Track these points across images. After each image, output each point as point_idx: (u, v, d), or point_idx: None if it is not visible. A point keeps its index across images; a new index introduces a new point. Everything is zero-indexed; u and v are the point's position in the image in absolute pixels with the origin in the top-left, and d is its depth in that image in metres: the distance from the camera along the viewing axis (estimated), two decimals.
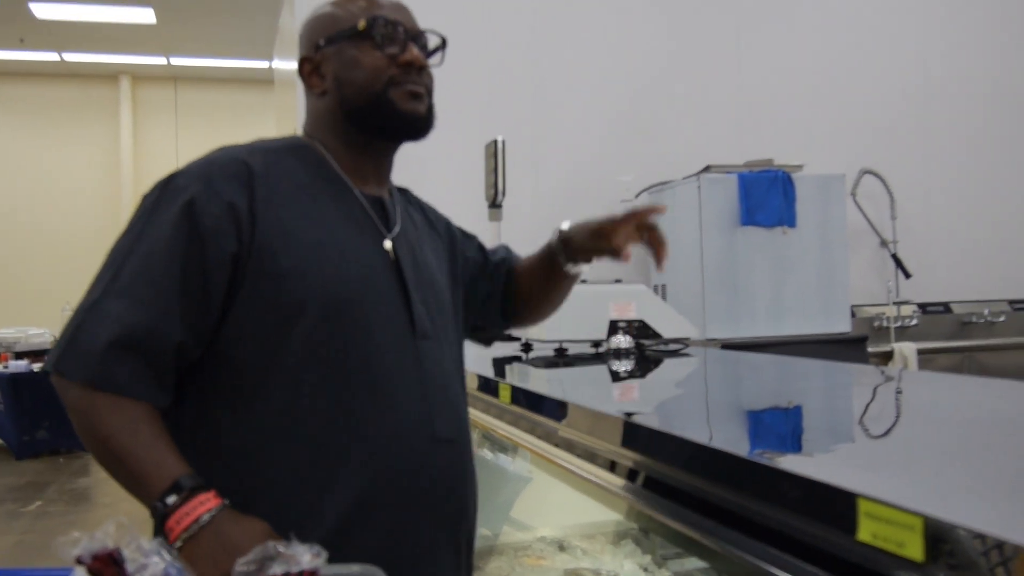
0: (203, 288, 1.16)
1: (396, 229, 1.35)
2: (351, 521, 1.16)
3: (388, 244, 1.31)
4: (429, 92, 1.36)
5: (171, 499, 1.07)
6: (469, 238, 1.65)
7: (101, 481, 6.43)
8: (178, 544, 1.03)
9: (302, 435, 1.17)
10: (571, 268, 1.57)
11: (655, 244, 1.48)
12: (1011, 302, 4.88)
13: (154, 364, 1.15)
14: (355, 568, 1.06)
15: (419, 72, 1.32)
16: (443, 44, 1.41)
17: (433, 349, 1.30)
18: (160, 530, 1.06)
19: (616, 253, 1.47)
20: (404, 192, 1.54)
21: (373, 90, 1.29)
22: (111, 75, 11.67)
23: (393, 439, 1.21)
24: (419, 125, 1.35)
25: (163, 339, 1.14)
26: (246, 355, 1.19)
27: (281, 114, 5.91)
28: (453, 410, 1.31)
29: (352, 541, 1.12)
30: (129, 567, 0.96)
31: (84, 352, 1.12)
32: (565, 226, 1.55)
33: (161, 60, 10.97)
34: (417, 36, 1.35)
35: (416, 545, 1.22)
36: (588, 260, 1.56)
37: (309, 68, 1.35)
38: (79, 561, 0.96)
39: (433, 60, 1.40)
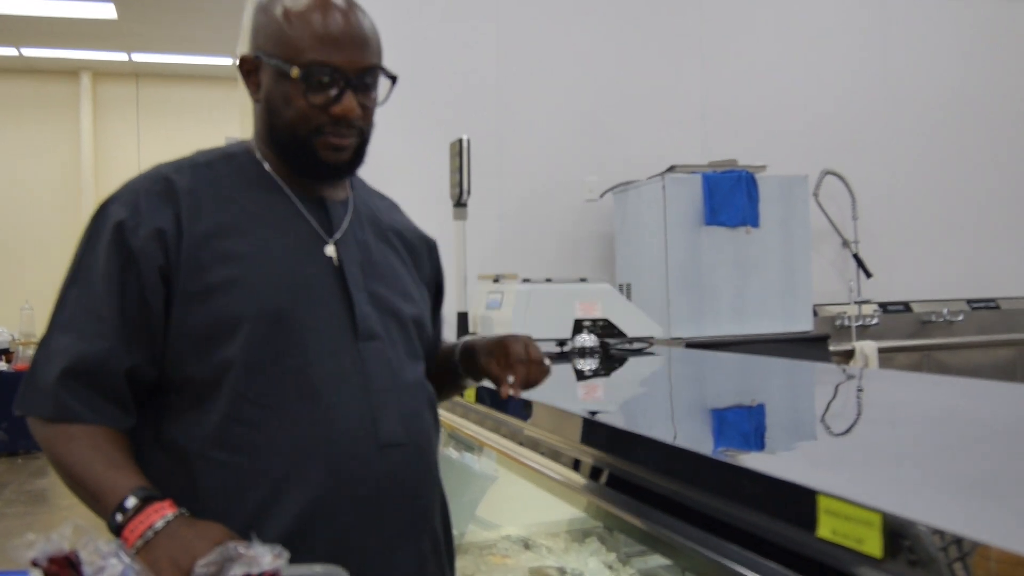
0: (144, 311, 1.18)
1: (340, 231, 1.32)
2: (295, 533, 1.15)
3: (330, 249, 1.29)
4: (362, 136, 1.31)
5: (126, 509, 1.07)
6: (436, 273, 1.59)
7: (60, 483, 6.33)
8: (133, 552, 1.03)
9: (243, 449, 1.17)
10: (467, 381, 1.52)
11: (518, 379, 1.38)
12: (969, 301, 4.95)
13: (106, 390, 1.17)
14: (318, 568, 1.06)
15: (348, 124, 1.27)
16: (392, 81, 1.33)
17: (381, 350, 1.28)
18: None
19: (497, 384, 1.39)
20: (380, 196, 1.53)
21: (297, 134, 1.26)
22: (71, 71, 11.49)
23: (334, 448, 1.20)
24: (339, 173, 1.33)
25: (111, 366, 1.17)
26: (186, 371, 1.19)
27: (245, 111, 5.86)
28: (404, 413, 1.28)
29: (297, 553, 1.11)
30: (86, 569, 0.94)
31: (39, 389, 1.17)
32: (462, 340, 1.51)
33: (123, 56, 10.82)
34: (361, 75, 1.27)
35: (365, 554, 1.20)
36: (478, 380, 1.50)
37: (248, 69, 1.31)
38: (35, 564, 0.95)
39: (376, 96, 1.32)
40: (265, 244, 1.24)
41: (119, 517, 1.07)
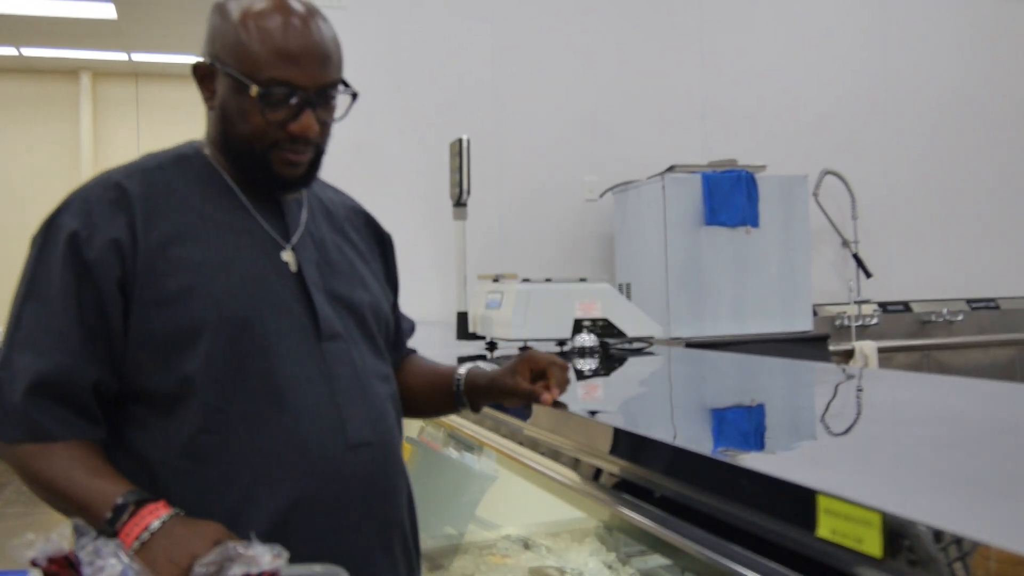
0: (103, 323, 1.17)
1: (297, 234, 1.30)
2: (268, 539, 1.11)
3: (286, 254, 1.28)
4: (318, 150, 1.28)
5: (120, 513, 1.07)
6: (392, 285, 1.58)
7: None
8: (131, 553, 1.02)
9: (210, 458, 1.16)
10: (470, 411, 1.52)
11: (554, 382, 1.40)
12: (969, 301, 4.95)
13: (74, 403, 1.16)
14: (317, 568, 1.06)
15: (306, 141, 1.24)
16: (353, 97, 1.30)
17: (344, 350, 1.27)
18: None
19: (532, 398, 1.40)
20: (337, 192, 1.49)
21: (252, 149, 1.24)
22: (71, 71, 11.49)
23: (303, 452, 1.19)
24: (293, 187, 1.31)
25: (77, 381, 1.15)
26: (147, 382, 1.18)
27: None
28: (371, 412, 1.28)
29: None
30: (86, 570, 0.94)
31: (7, 412, 1.15)
32: (463, 371, 1.49)
33: (122, 56, 10.82)
34: (321, 92, 1.24)
35: (341, 555, 1.18)
36: (480, 407, 1.51)
37: (201, 76, 1.27)
38: (34, 563, 0.95)
39: (336, 113, 1.30)
40: (222, 250, 1.22)
41: (113, 522, 1.06)
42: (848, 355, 4.33)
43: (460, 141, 2.93)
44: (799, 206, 3.89)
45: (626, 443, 1.33)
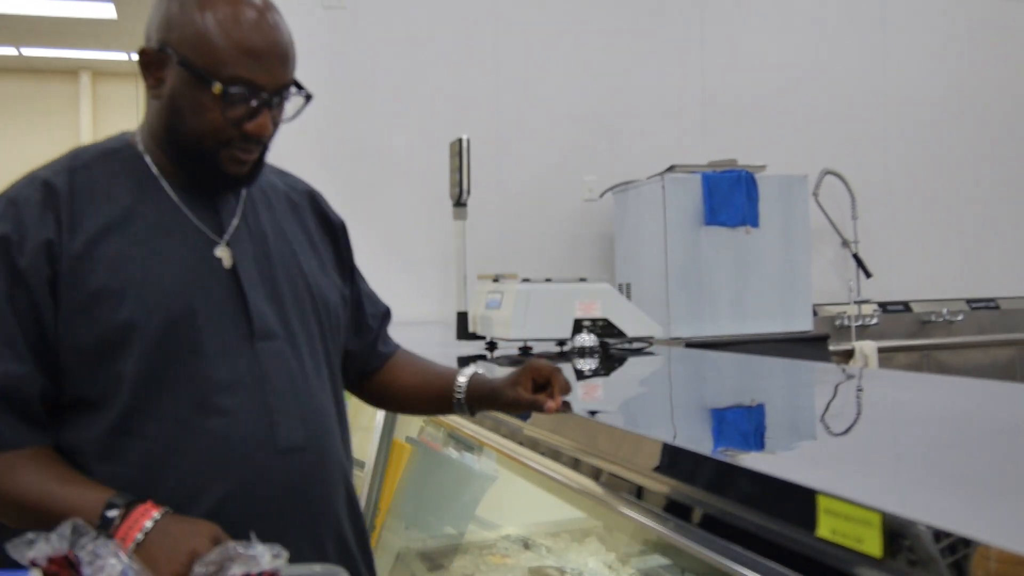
0: (40, 328, 1.14)
1: (231, 228, 1.26)
2: None
3: (219, 251, 1.24)
4: (264, 147, 1.26)
5: (111, 518, 1.05)
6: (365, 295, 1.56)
7: None
8: (130, 554, 1.01)
9: (135, 462, 1.14)
10: (468, 415, 1.50)
11: (558, 391, 1.39)
12: (969, 301, 4.95)
13: (26, 411, 1.13)
14: (317, 568, 1.06)
15: (257, 140, 1.22)
16: (307, 99, 1.27)
17: (280, 349, 1.24)
18: None
19: (536, 406, 1.39)
20: (282, 175, 1.45)
21: (203, 146, 1.20)
22: (71, 71, 11.49)
23: (230, 456, 1.16)
24: (237, 185, 1.28)
25: (25, 387, 1.13)
26: (77, 382, 1.16)
27: None
28: (305, 414, 1.24)
29: None
30: (85, 569, 0.94)
31: None
32: (464, 380, 1.47)
33: (122, 56, 10.81)
34: (279, 92, 1.21)
35: None
36: (476, 412, 1.49)
37: (148, 62, 1.21)
38: (34, 563, 0.95)
39: (287, 114, 1.27)
40: (151, 248, 1.19)
41: (106, 527, 1.04)
42: (848, 355, 4.33)
43: (460, 141, 2.93)
44: (799, 206, 3.89)
45: (626, 443, 1.33)
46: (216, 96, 1.16)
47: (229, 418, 1.17)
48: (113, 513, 1.05)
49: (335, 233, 1.47)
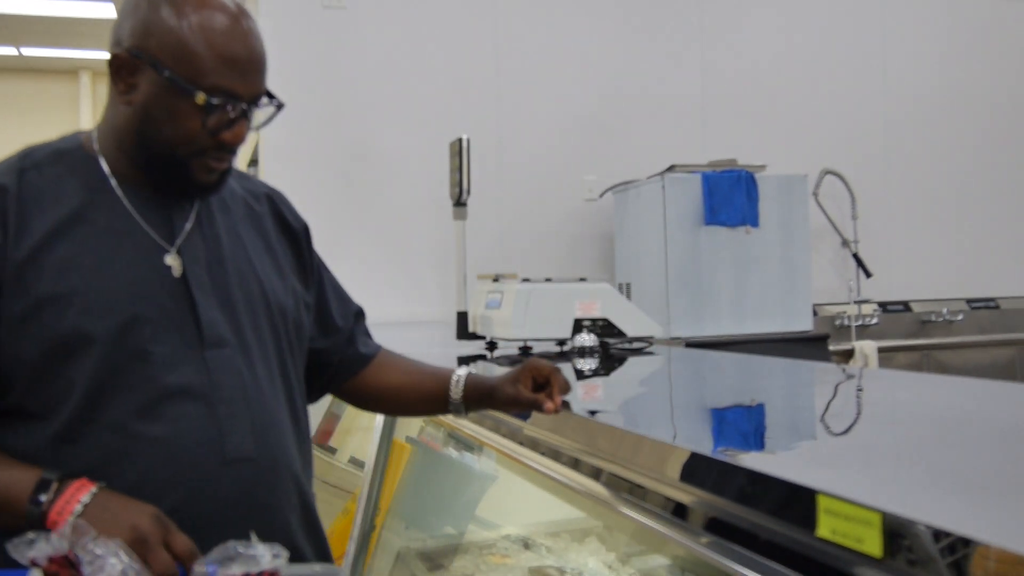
0: None
1: (183, 234, 1.23)
2: None
3: (169, 258, 1.21)
4: (235, 156, 1.24)
5: (43, 497, 1.03)
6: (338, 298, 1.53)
7: None
8: (65, 532, 0.98)
9: (80, 468, 1.10)
10: (463, 414, 1.49)
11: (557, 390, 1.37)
12: (969, 301, 4.95)
13: None
14: (317, 567, 1.06)
15: (231, 149, 1.20)
16: (278, 108, 1.25)
17: (231, 357, 1.21)
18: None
19: (535, 405, 1.37)
20: (241, 178, 1.41)
21: (176, 154, 1.18)
22: (71, 70, 11.49)
23: (174, 465, 1.14)
24: (205, 193, 1.25)
25: None
26: (19, 389, 1.13)
27: None
28: (256, 424, 1.21)
29: None
30: (86, 569, 0.94)
31: None
32: (461, 379, 1.45)
33: None
34: (253, 102, 1.20)
35: None
36: (468, 411, 1.48)
37: (119, 67, 1.17)
38: (34, 563, 0.95)
39: (258, 121, 1.24)
40: (98, 254, 1.16)
41: (40, 503, 1.03)
42: (848, 355, 4.33)
43: (460, 141, 2.93)
44: (799, 206, 3.89)
45: (626, 443, 1.33)
46: (197, 105, 1.14)
47: (176, 427, 1.14)
48: (46, 490, 1.03)
49: (295, 237, 1.44)
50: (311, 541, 1.31)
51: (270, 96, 1.23)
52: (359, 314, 1.56)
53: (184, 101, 1.15)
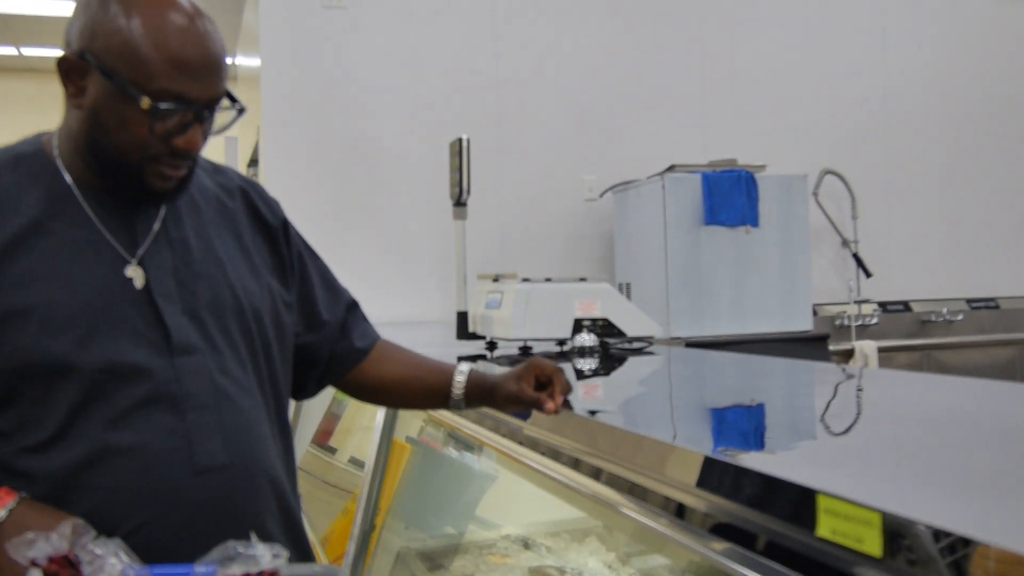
0: None
1: (148, 241, 1.20)
2: None
3: (130, 269, 1.17)
4: (193, 163, 1.19)
5: None
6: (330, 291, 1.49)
7: None
8: None
9: (38, 478, 1.09)
10: (462, 409, 1.47)
11: (559, 390, 1.37)
12: (969, 301, 4.95)
13: None
14: (317, 568, 1.06)
15: (186, 156, 1.15)
16: (239, 112, 1.21)
17: (201, 363, 1.18)
18: None
19: (536, 404, 1.37)
20: (215, 171, 1.37)
21: (128, 160, 1.13)
22: None
23: (145, 476, 1.11)
24: (162, 201, 1.21)
25: None
26: None
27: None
28: (228, 431, 1.18)
29: None
30: (86, 569, 0.94)
31: None
32: (463, 375, 1.45)
33: None
34: (208, 106, 1.15)
35: None
36: (467, 407, 1.47)
37: (69, 69, 1.13)
38: (34, 563, 0.95)
39: (219, 125, 1.20)
40: (59, 267, 1.13)
41: None
42: (848, 355, 4.33)
43: (460, 141, 2.93)
44: (799, 206, 3.89)
45: (626, 443, 1.33)
46: (144, 111, 1.10)
47: (146, 437, 1.12)
48: None
49: (271, 232, 1.39)
50: (293, 547, 1.26)
51: (232, 99, 1.19)
52: (352, 306, 1.52)
53: (131, 106, 1.10)
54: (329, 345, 1.46)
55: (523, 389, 1.36)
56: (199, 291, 1.21)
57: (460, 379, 1.44)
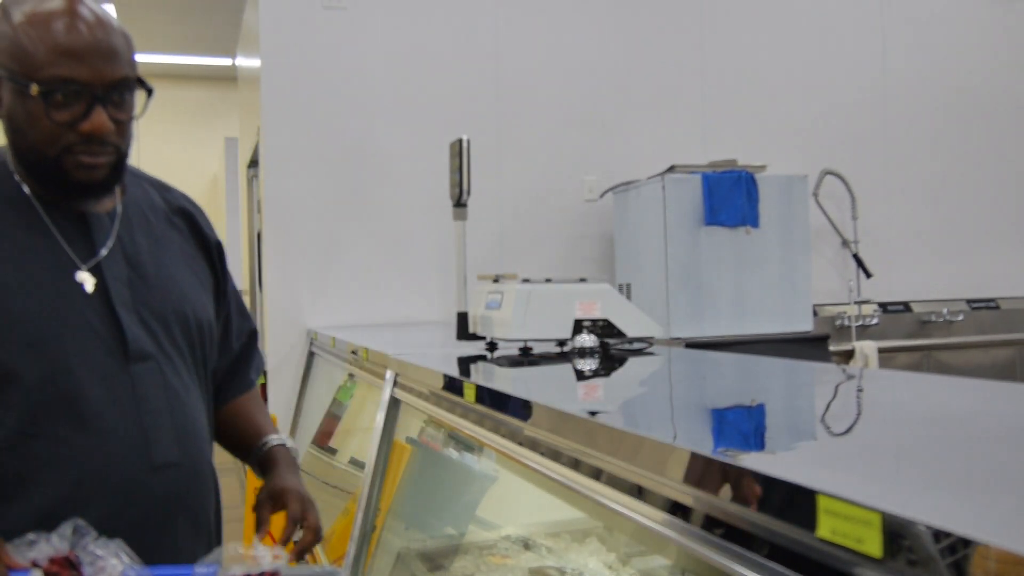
0: None
1: (105, 249, 1.25)
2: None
3: (81, 275, 1.21)
4: (119, 152, 1.23)
5: None
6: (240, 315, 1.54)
7: None
8: None
9: (10, 478, 1.13)
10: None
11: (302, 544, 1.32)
12: (969, 301, 4.96)
13: None
14: (317, 568, 1.06)
15: (101, 142, 1.19)
16: (148, 93, 1.26)
17: (155, 369, 1.24)
18: None
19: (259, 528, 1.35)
20: (164, 190, 1.43)
21: (45, 154, 1.18)
22: None
23: (105, 473, 1.16)
24: (92, 193, 1.24)
25: None
26: None
27: (244, 112, 5.86)
28: (179, 431, 1.26)
29: None
30: (86, 570, 0.94)
31: None
32: (272, 449, 1.47)
33: None
34: (111, 89, 1.19)
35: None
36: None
37: None
38: (35, 564, 0.95)
39: (133, 110, 1.24)
40: (14, 273, 1.17)
41: None
42: (848, 355, 4.33)
43: (460, 141, 2.93)
44: (799, 206, 3.89)
45: (626, 443, 1.33)
46: (39, 100, 1.15)
47: (104, 437, 1.18)
48: None
49: (210, 252, 1.45)
50: (218, 537, 1.37)
51: (141, 83, 1.24)
52: (253, 334, 1.58)
53: (30, 99, 1.15)
54: (226, 372, 1.52)
55: (263, 508, 1.34)
56: (151, 300, 1.27)
57: (262, 448, 1.46)
